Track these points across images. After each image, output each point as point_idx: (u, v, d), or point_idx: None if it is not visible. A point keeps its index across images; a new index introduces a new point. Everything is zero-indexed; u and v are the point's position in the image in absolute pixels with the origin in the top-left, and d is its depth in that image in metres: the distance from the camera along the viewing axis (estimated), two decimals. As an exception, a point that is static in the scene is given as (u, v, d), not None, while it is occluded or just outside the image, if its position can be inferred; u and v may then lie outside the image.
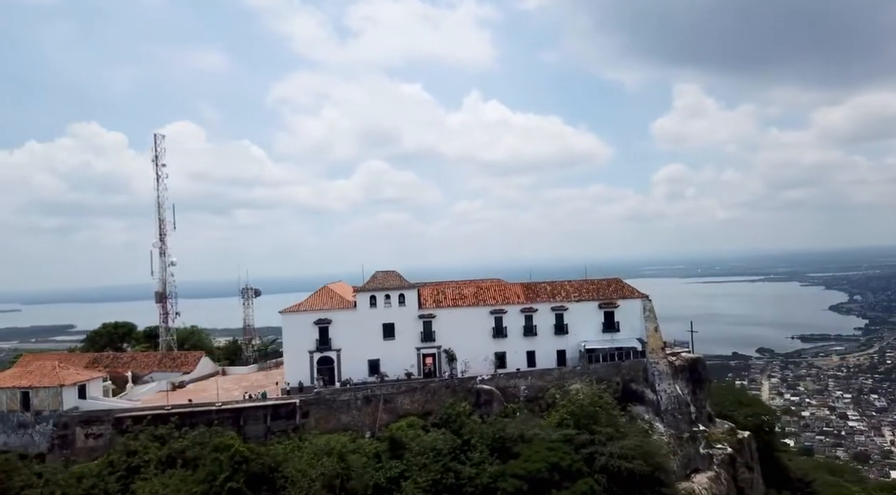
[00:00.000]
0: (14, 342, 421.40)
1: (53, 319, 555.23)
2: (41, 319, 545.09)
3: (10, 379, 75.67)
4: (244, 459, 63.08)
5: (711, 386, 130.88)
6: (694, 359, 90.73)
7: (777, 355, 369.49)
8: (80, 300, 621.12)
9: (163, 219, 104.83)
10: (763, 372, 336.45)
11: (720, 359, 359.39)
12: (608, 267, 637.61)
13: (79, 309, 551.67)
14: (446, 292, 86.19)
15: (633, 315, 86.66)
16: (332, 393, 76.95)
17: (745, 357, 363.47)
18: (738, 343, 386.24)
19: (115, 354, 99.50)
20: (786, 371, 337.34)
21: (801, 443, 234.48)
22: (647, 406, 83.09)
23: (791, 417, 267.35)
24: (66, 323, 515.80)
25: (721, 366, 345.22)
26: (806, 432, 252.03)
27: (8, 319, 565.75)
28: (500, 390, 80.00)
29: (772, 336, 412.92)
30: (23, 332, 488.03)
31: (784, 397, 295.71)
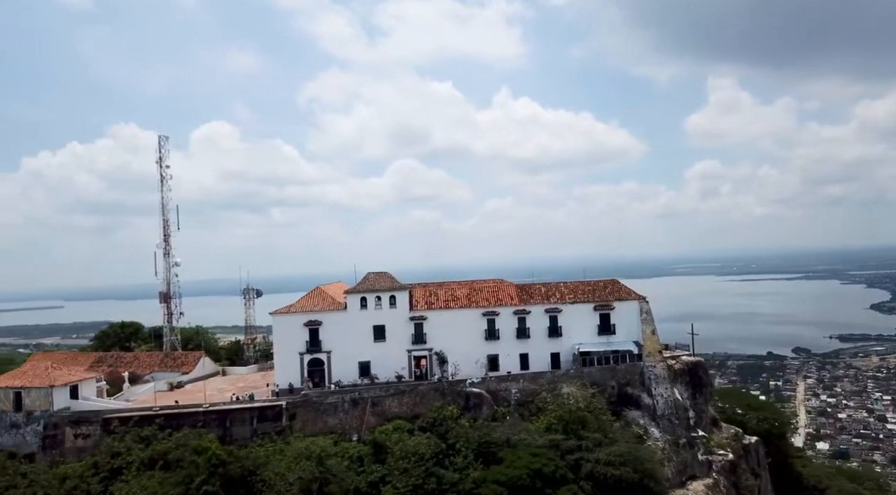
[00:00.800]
0: (56, 338, 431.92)
1: (94, 316, 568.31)
2: (82, 316, 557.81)
3: (3, 380, 76.78)
4: (221, 462, 62.90)
5: (721, 390, 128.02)
6: (694, 362, 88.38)
7: (814, 355, 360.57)
8: (119, 297, 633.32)
9: (167, 220, 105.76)
10: (799, 373, 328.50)
11: (754, 358, 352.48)
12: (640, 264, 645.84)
13: (118, 305, 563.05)
14: (439, 294, 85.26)
15: (629, 317, 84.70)
16: (320, 396, 76.62)
17: (780, 357, 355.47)
18: (774, 342, 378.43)
19: (118, 354, 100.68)
20: (823, 371, 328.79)
21: (837, 446, 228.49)
22: (642, 411, 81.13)
23: (827, 419, 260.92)
24: (105, 319, 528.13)
25: (755, 365, 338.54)
26: (842, 435, 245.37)
27: (51, 316, 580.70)
28: (490, 393, 78.86)
29: (809, 335, 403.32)
30: (65, 328, 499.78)
31: (820, 398, 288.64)
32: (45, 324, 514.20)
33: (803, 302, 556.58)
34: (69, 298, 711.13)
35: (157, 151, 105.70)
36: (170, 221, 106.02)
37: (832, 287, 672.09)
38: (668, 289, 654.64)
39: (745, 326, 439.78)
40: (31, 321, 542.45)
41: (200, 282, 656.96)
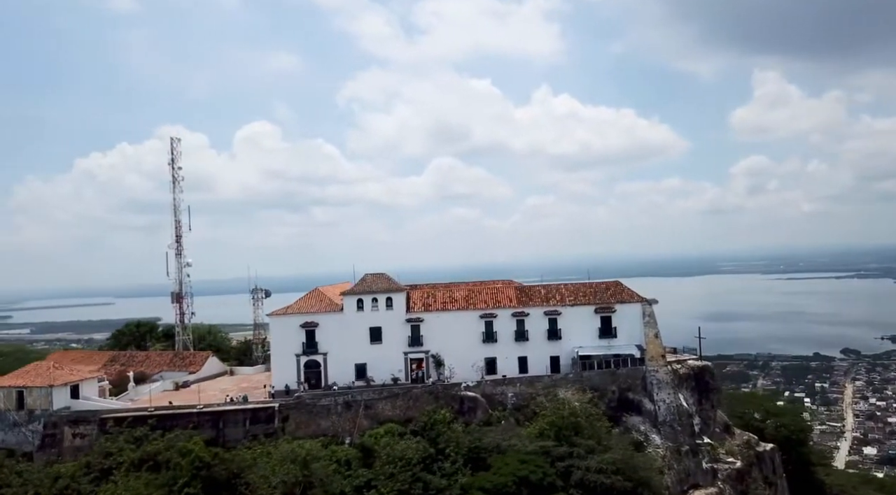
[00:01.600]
0: (106, 333, 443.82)
1: (143, 312, 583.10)
2: (132, 312, 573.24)
3: (6, 379, 78.42)
4: (204, 464, 63.14)
5: (740, 395, 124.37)
6: (701, 366, 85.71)
7: (864, 357, 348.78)
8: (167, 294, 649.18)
9: (178, 221, 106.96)
10: (847, 375, 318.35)
11: (800, 359, 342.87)
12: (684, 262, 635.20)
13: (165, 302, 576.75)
14: (437, 295, 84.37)
15: (632, 320, 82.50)
16: (313, 398, 76.40)
17: (828, 358, 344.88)
18: (821, 343, 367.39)
19: (131, 353, 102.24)
20: (873, 374, 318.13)
21: (885, 451, 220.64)
22: (643, 416, 79.06)
23: (875, 423, 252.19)
24: (153, 316, 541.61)
25: (800, 367, 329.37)
26: (892, 439, 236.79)
27: (102, 312, 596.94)
28: (486, 397, 77.66)
29: (859, 336, 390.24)
30: (115, 324, 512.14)
31: (869, 401, 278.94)
32: (96, 320, 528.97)
33: (854, 301, 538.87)
34: (120, 295, 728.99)
35: (169, 153, 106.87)
36: (182, 222, 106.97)
37: (885, 286, 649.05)
38: (712, 288, 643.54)
39: (790, 326, 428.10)
40: (83, 317, 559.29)
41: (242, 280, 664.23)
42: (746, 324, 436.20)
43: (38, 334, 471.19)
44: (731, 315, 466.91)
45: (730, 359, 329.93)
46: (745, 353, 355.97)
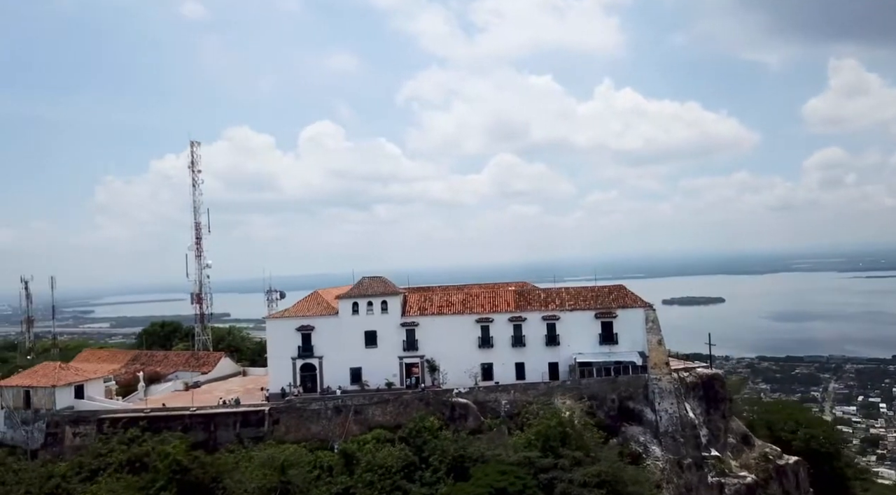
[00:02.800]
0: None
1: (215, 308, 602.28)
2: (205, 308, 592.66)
3: (15, 379, 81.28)
4: (182, 468, 63.66)
5: (769, 404, 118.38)
6: (710, 375, 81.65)
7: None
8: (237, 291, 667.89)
9: (198, 223, 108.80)
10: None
11: (877, 362, 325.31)
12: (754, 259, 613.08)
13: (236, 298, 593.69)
14: (433, 299, 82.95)
15: (634, 326, 79.20)
16: (303, 402, 76.27)
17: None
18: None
19: (151, 353, 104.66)
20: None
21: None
22: (644, 427, 75.86)
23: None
24: (223, 311, 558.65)
25: (877, 370, 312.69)
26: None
27: (177, 307, 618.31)
28: (478, 404, 75.92)
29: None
30: (189, 320, 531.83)
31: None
32: (170, 315, 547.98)
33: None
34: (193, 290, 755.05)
35: (189, 156, 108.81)
36: (201, 224, 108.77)
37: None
38: (784, 286, 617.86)
39: (869, 327, 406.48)
40: (159, 312, 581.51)
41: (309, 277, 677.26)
42: (820, 325, 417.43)
43: (117, 328, 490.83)
44: (804, 315, 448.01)
45: (800, 361, 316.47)
46: (817, 355, 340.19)
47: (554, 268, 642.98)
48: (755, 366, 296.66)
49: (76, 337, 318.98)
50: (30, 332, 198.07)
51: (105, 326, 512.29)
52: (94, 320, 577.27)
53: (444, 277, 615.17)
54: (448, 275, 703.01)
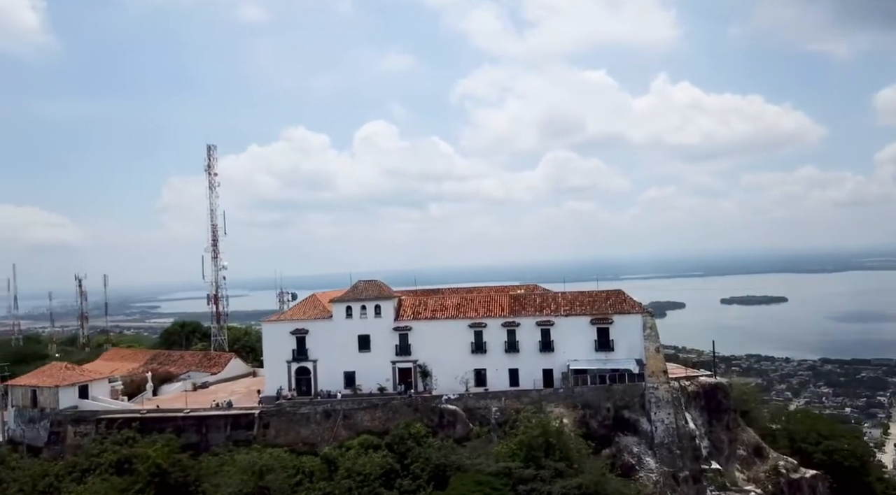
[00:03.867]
0: (236, 323, 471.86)
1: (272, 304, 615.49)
2: (263, 304, 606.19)
3: (24, 379, 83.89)
4: (161, 471, 64.52)
5: (790, 413, 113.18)
6: (714, 384, 78.27)
7: None
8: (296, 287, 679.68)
9: (215, 226, 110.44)
10: None
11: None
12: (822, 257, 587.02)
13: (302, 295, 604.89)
14: (427, 303, 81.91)
15: (631, 332, 76.52)
16: (293, 406, 76.43)
17: None
18: None
19: (168, 352, 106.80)
20: None
21: None
22: (640, 437, 73.22)
23: None
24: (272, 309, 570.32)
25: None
26: None
27: (237, 303, 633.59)
28: (468, 411, 74.68)
29: None
30: (247, 315, 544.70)
31: None
32: (232, 311, 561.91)
33: None
34: (253, 288, 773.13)
35: (206, 159, 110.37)
36: (218, 226, 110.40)
37: None
38: (852, 285, 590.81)
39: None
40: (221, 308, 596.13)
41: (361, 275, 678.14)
42: (890, 326, 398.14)
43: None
44: (872, 315, 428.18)
45: (866, 364, 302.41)
46: (886, 358, 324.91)
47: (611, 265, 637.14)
48: (817, 368, 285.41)
49: (141, 331, 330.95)
50: (84, 327, 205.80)
51: (168, 321, 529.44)
52: (159, 315, 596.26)
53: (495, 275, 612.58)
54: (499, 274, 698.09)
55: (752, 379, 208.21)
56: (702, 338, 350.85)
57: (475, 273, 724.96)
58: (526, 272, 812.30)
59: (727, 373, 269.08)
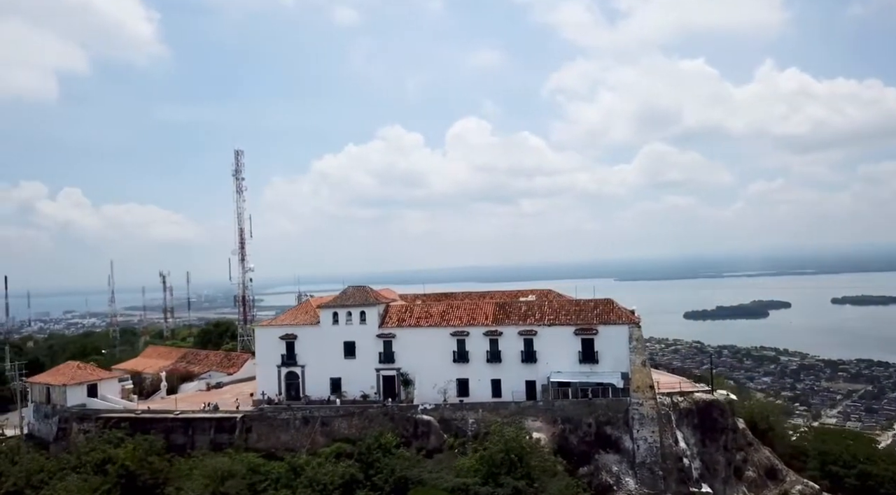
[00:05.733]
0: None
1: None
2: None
3: (40, 377, 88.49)
4: (128, 473, 66.31)
5: (827, 431, 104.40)
6: (709, 401, 72.77)
7: None
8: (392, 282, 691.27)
9: (241, 229, 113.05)
10: None
11: None
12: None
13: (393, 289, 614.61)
14: (414, 310, 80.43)
15: (617, 344, 72.30)
16: (274, 411, 76.96)
17: None
18: None
19: (196, 351, 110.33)
20: None
21: None
22: (621, 456, 69.20)
23: None
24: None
25: None
26: None
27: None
28: (444, 422, 72.91)
29: None
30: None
31: None
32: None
33: None
34: (351, 282, 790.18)
35: (233, 164, 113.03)
36: (244, 230, 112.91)
37: None
38: None
39: None
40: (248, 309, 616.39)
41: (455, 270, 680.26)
42: None
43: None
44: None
45: None
46: None
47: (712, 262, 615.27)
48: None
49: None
50: (167, 321, 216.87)
51: (270, 314, 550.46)
52: (262, 309, 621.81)
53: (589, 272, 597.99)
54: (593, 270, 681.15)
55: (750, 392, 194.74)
56: (805, 341, 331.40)
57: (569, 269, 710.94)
58: (621, 269, 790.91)
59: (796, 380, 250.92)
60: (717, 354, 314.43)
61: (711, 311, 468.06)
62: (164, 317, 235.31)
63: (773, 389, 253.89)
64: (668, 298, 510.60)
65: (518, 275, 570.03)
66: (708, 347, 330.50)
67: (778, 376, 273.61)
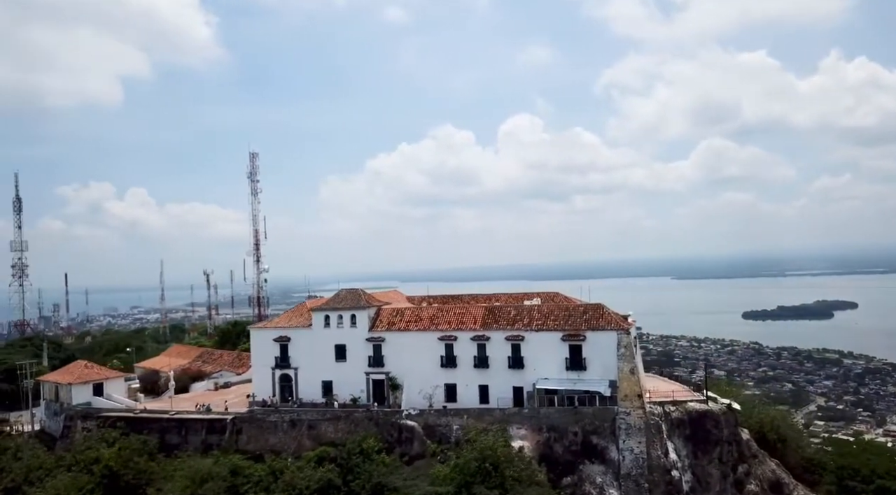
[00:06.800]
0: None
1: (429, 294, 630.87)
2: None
3: (51, 376, 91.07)
4: (112, 474, 67.37)
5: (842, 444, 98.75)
6: (702, 411, 69.53)
7: None
8: (443, 279, 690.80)
9: (256, 231, 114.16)
10: None
11: None
12: None
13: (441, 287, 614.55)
14: (405, 313, 79.43)
15: (606, 351, 69.73)
16: (263, 413, 77.19)
17: None
18: None
19: (211, 351, 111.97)
20: None
21: None
22: (606, 466, 66.80)
23: None
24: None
25: None
26: None
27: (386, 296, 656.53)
28: (428, 428, 71.84)
29: None
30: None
31: None
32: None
33: None
34: (404, 280, 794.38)
35: (248, 166, 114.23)
36: (259, 231, 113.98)
37: None
38: None
39: None
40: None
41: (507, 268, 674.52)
42: None
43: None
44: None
45: None
46: None
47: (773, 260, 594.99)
48: None
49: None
50: (211, 319, 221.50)
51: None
52: (281, 308, 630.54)
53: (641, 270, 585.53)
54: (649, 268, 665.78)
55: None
56: (872, 343, 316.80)
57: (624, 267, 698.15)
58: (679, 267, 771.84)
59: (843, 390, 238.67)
60: (776, 356, 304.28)
61: (772, 311, 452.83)
62: (209, 314, 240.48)
63: (835, 393, 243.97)
64: (727, 297, 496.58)
65: (570, 273, 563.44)
66: (766, 348, 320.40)
67: (840, 380, 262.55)
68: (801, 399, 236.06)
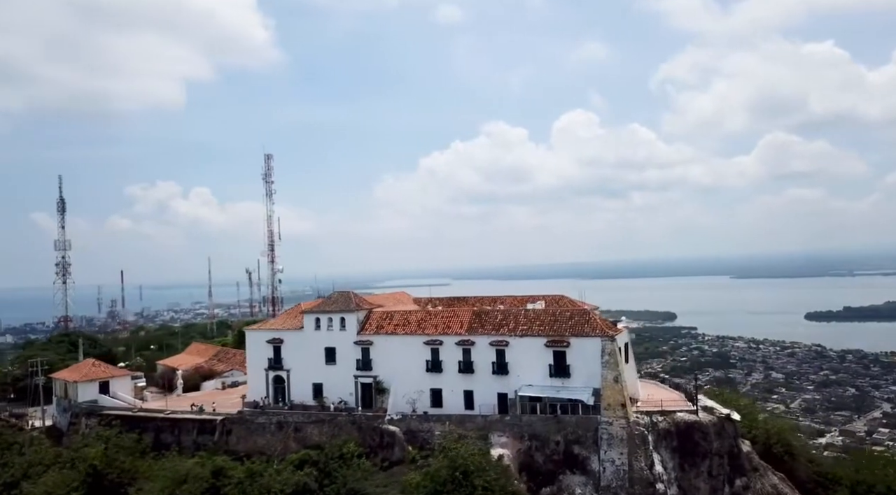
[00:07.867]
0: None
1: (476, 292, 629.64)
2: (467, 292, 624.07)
3: (61, 373, 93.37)
4: (96, 472, 68.48)
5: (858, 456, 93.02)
6: (691, 422, 66.30)
7: None
8: (497, 277, 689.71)
9: (271, 231, 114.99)
10: None
11: None
12: None
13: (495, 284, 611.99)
14: (394, 316, 78.41)
15: (590, 358, 67.22)
16: (252, 415, 77.41)
17: None
18: None
19: (226, 350, 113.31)
20: None
21: None
22: (588, 477, 64.49)
23: None
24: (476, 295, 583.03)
25: None
26: None
27: (442, 291, 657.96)
28: (410, 433, 70.78)
29: None
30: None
31: None
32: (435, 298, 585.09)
33: None
34: (456, 277, 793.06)
35: (263, 167, 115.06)
36: (273, 232, 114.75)
37: None
38: None
39: None
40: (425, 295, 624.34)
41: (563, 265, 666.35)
42: None
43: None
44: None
45: None
46: None
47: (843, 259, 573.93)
48: None
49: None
50: (252, 314, 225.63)
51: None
52: None
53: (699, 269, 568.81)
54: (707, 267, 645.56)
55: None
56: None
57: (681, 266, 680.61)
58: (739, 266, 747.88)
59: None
60: (839, 359, 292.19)
61: (837, 312, 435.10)
62: (251, 310, 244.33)
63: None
64: (790, 298, 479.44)
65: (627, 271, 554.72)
66: (829, 351, 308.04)
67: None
68: (864, 404, 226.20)
